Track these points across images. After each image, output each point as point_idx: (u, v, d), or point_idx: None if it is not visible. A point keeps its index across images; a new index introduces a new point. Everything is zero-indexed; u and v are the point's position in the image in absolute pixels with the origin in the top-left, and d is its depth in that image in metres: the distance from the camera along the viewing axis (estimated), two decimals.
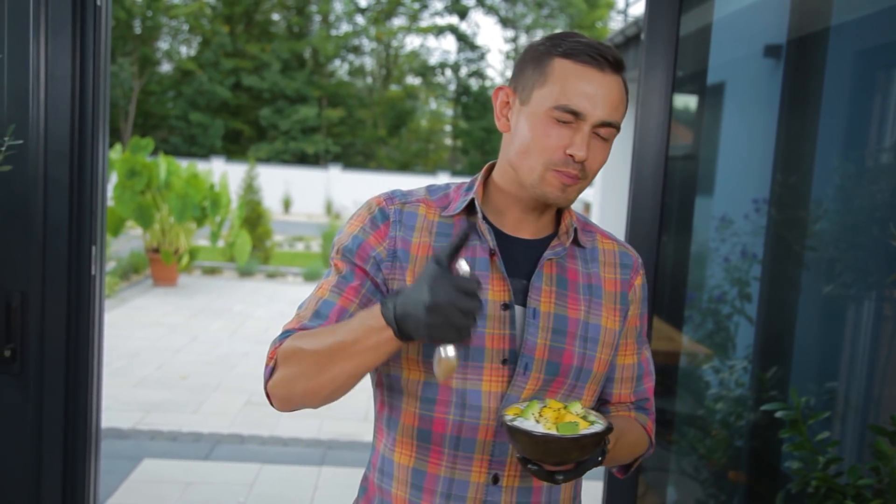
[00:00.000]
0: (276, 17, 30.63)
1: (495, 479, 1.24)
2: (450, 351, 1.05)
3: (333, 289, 1.26)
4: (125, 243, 12.42)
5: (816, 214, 2.66)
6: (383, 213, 1.28)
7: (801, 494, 2.12)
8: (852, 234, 2.59)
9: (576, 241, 1.31)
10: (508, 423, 1.09)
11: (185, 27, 29.21)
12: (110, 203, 9.81)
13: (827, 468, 2.04)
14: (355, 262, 1.26)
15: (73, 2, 2.02)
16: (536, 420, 1.10)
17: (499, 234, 1.28)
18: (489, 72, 32.99)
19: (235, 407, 5.44)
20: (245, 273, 11.32)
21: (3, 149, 1.75)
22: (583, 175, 1.22)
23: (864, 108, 2.57)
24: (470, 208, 1.29)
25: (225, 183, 10.95)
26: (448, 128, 33.02)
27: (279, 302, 9.65)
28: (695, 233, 3.10)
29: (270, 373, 1.23)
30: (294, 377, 1.19)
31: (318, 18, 31.07)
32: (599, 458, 1.15)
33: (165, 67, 29.56)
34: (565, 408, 1.13)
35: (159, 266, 10.08)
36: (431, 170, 29.00)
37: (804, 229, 2.69)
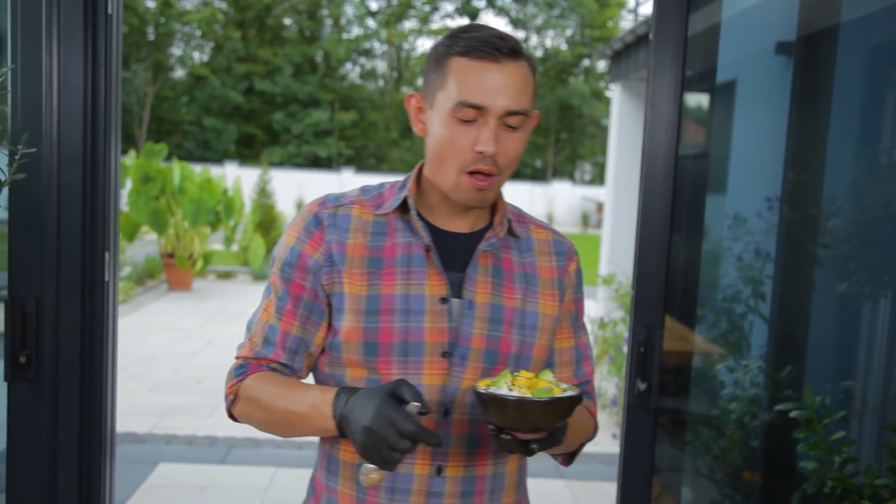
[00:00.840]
0: (287, 21, 30.73)
1: (439, 470, 1.26)
2: (374, 468, 1.10)
3: (275, 312, 1.31)
4: (140, 248, 12.49)
5: (829, 212, 2.65)
6: (317, 219, 1.30)
7: (817, 495, 2.10)
8: (866, 231, 2.57)
9: (510, 232, 1.34)
10: (482, 392, 1.09)
11: (198, 33, 29.36)
12: (125, 208, 9.88)
13: (843, 468, 2.03)
14: (293, 276, 1.29)
15: (85, 10, 2.04)
16: (510, 389, 1.11)
17: (434, 230, 1.30)
18: None
19: None
20: (259, 277, 11.35)
21: (17, 157, 1.76)
22: (497, 170, 1.23)
23: (877, 104, 2.55)
24: (404, 206, 1.31)
25: (238, 187, 10.99)
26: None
27: None
28: (707, 232, 3.08)
29: (231, 402, 1.31)
30: (251, 418, 1.29)
31: (329, 22, 31.16)
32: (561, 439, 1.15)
33: (179, 73, 29.72)
34: (536, 377, 1.14)
35: (174, 271, 10.13)
36: None
37: (817, 227, 2.67)
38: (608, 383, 5.98)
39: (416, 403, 1.09)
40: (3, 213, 2.01)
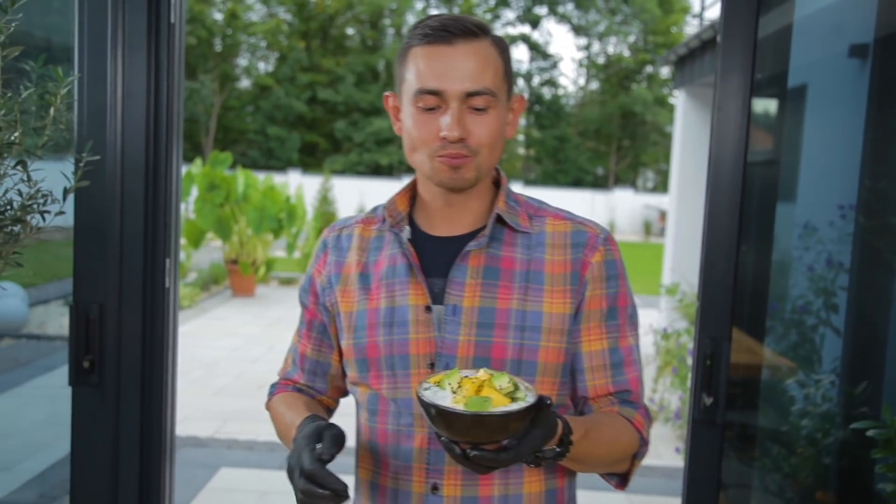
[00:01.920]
0: (350, 31, 31.13)
1: (434, 489, 1.20)
2: None
3: (298, 336, 1.39)
4: (205, 255, 12.75)
5: None
6: (324, 244, 1.34)
7: None
8: None
9: (513, 228, 1.24)
10: (418, 392, 1.00)
11: (263, 44, 29.96)
12: (191, 216, 10.10)
13: None
14: (307, 301, 1.36)
15: (149, 20, 2.07)
16: (453, 391, 1.00)
17: (426, 237, 1.27)
18: (562, 80, 32.78)
19: None
20: None
21: (82, 165, 1.79)
22: (470, 152, 1.17)
23: None
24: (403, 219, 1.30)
25: (301, 195, 11.15)
26: (521, 137, 32.92)
27: None
28: (776, 241, 2.98)
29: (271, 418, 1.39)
30: (276, 432, 1.35)
31: (391, 31, 31.45)
32: (558, 449, 1.04)
33: (244, 83, 30.37)
34: (489, 380, 1.01)
35: (237, 277, 10.31)
36: None
37: None
38: (672, 395, 5.84)
39: (318, 445, 1.08)
40: (69, 220, 2.05)
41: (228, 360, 7.02)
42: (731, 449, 2.65)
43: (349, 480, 1.34)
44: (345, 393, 1.40)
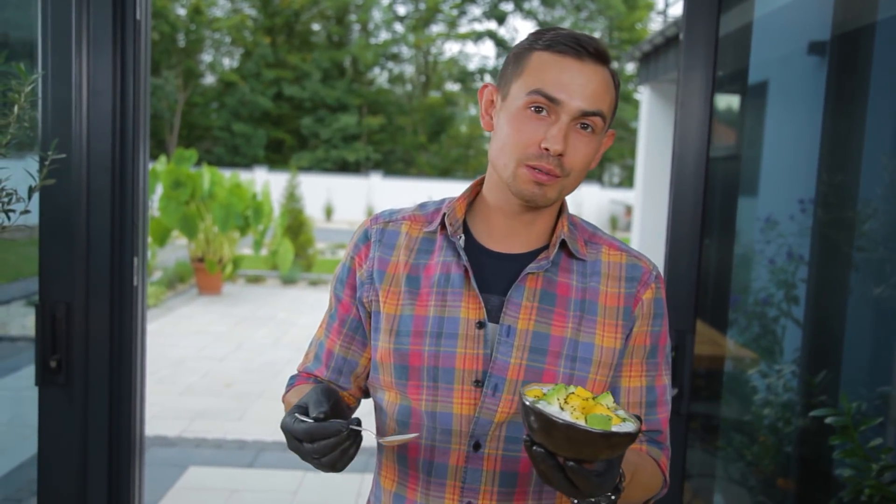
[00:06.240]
0: (316, 27, 30.93)
1: None
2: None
3: (325, 329, 1.31)
4: (171, 253, 12.62)
5: (865, 214, 2.59)
6: (366, 235, 1.27)
7: (854, 503, 2.05)
8: None
9: (570, 254, 1.22)
10: (528, 405, 0.96)
11: (228, 39, 29.65)
12: (156, 213, 9.99)
13: (880, 476, 1.98)
14: (342, 294, 1.28)
15: (114, 17, 2.06)
16: (561, 407, 0.97)
17: (482, 250, 1.22)
18: None
19: (279, 414, 5.47)
20: (288, 281, 11.42)
21: (47, 163, 1.78)
22: (562, 172, 1.14)
23: None
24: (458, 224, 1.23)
25: (267, 192, 11.08)
26: (488, 133, 32.97)
27: (322, 309, 9.70)
28: (739, 234, 3.04)
29: None
30: None
31: (357, 27, 31.31)
32: (612, 497, 1.01)
33: (209, 79, 30.03)
34: (594, 398, 1.00)
35: (204, 275, 10.22)
36: (472, 175, 28.99)
37: (853, 230, 2.62)
38: None
39: (299, 407, 1.06)
40: (34, 219, 2.03)
41: (195, 359, 6.96)
42: (695, 439, 2.70)
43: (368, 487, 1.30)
44: (366, 394, 1.34)
